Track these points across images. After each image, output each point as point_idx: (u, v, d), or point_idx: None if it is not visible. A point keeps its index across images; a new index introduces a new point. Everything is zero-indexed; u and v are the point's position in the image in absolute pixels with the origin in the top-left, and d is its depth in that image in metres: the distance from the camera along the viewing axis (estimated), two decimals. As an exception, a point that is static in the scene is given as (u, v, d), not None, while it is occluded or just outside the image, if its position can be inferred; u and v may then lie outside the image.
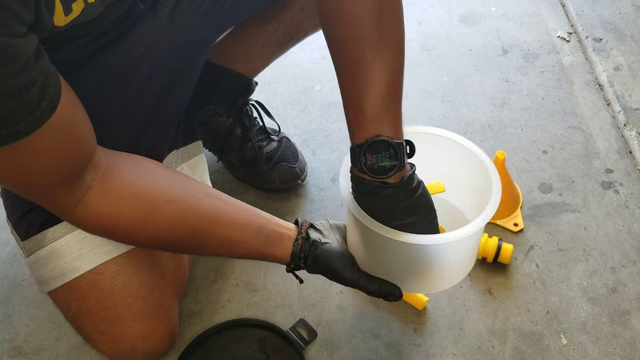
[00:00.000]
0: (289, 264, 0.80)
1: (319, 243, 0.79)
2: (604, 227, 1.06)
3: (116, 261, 0.83)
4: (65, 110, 0.60)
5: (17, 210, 0.85)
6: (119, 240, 0.79)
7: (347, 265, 0.78)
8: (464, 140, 0.83)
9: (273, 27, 1.01)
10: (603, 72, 1.31)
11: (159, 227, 0.74)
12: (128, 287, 0.83)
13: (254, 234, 0.78)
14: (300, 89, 1.33)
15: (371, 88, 0.70)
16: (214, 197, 0.79)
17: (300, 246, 0.79)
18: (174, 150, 0.91)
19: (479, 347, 0.93)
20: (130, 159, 0.75)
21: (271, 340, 0.93)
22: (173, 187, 0.75)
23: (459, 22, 1.47)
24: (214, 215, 0.76)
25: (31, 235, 0.83)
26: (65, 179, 0.66)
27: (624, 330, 0.93)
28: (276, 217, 0.82)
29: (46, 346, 0.95)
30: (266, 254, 0.80)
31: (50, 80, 0.57)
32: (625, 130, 1.20)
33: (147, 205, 0.72)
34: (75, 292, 0.83)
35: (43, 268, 0.84)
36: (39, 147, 0.59)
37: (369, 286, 0.78)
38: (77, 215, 0.70)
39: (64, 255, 0.82)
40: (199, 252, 0.90)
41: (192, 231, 0.76)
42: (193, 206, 0.75)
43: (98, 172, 0.69)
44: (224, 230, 0.77)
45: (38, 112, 0.56)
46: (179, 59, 0.81)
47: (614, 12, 1.45)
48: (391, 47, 0.71)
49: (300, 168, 1.12)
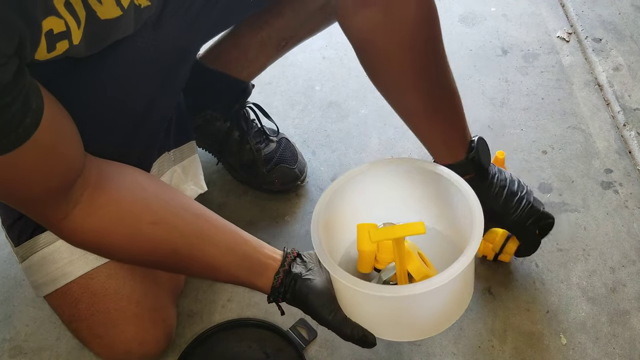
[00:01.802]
0: (269, 297, 0.80)
1: (299, 278, 0.78)
2: (604, 227, 1.06)
3: (108, 266, 0.83)
4: (50, 125, 0.59)
5: (9, 216, 0.85)
6: (103, 255, 0.80)
7: (325, 305, 0.77)
8: (450, 175, 0.81)
9: (267, 33, 1.01)
10: (602, 72, 1.31)
11: (142, 247, 0.75)
12: (120, 290, 0.83)
13: (237, 262, 0.78)
14: (300, 89, 1.33)
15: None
16: (202, 219, 0.78)
17: (280, 280, 0.78)
18: (165, 153, 0.91)
19: (478, 346, 0.93)
20: (120, 173, 0.75)
21: (271, 340, 0.94)
22: (160, 206, 0.75)
23: (459, 22, 1.47)
24: (198, 239, 0.76)
25: (23, 241, 0.84)
26: (53, 193, 0.66)
27: (623, 330, 0.94)
28: (264, 243, 0.81)
29: (46, 346, 0.95)
30: (248, 283, 0.80)
31: (31, 95, 0.56)
32: (625, 130, 1.20)
33: (131, 228, 0.73)
34: (68, 296, 0.83)
35: (36, 273, 0.84)
36: (25, 162, 0.59)
37: (342, 330, 0.77)
38: (62, 229, 0.71)
39: (56, 260, 0.82)
40: (183, 273, 0.92)
41: (173, 253, 0.76)
42: (178, 228, 0.75)
43: (87, 187, 0.69)
44: (207, 255, 0.77)
45: (21, 128, 0.56)
46: (166, 65, 0.81)
47: (614, 12, 1.45)
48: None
49: (300, 169, 1.12)
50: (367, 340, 0.77)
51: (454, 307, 0.78)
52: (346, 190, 0.83)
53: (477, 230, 0.73)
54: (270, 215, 1.11)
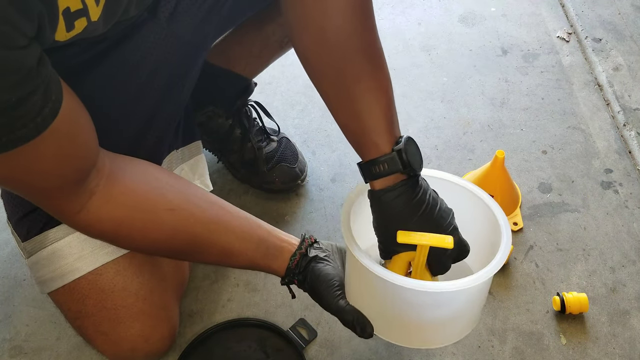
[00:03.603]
0: (283, 278, 0.81)
1: (314, 260, 0.79)
2: (604, 227, 1.06)
3: (116, 262, 0.83)
4: (67, 116, 0.60)
5: (18, 211, 0.85)
6: (120, 245, 0.80)
7: (331, 290, 0.77)
8: (473, 187, 0.79)
9: (272, 28, 1.01)
10: (602, 72, 1.31)
11: (160, 234, 0.75)
12: (128, 287, 0.83)
13: (254, 246, 0.79)
14: (300, 89, 1.33)
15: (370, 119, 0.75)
16: (217, 206, 0.79)
17: (296, 262, 0.79)
18: (173, 151, 0.92)
19: (478, 346, 0.93)
20: (132, 164, 0.75)
21: (271, 340, 0.94)
22: (175, 195, 0.76)
23: (459, 23, 1.47)
24: (215, 225, 0.77)
25: (32, 236, 0.83)
26: (69, 183, 0.66)
27: (623, 330, 0.94)
28: (278, 229, 0.82)
29: (47, 346, 0.95)
30: (264, 266, 0.80)
31: (52, 86, 0.57)
32: (625, 130, 1.20)
33: (149, 213, 0.73)
34: (75, 292, 0.83)
35: (44, 269, 0.84)
36: (42, 152, 0.59)
37: (344, 315, 0.77)
38: (79, 221, 0.71)
39: (65, 256, 0.82)
40: (199, 260, 0.91)
41: (192, 239, 0.76)
42: (194, 215, 0.76)
43: (102, 177, 0.69)
44: (224, 241, 0.78)
45: (40, 118, 0.56)
46: (178, 60, 0.81)
47: (614, 12, 1.45)
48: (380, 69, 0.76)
49: (300, 168, 1.12)
50: (365, 329, 0.76)
51: (464, 321, 0.75)
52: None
53: (505, 238, 0.72)
54: (270, 215, 1.11)
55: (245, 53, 1.04)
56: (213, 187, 0.98)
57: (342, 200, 1.12)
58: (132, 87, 0.78)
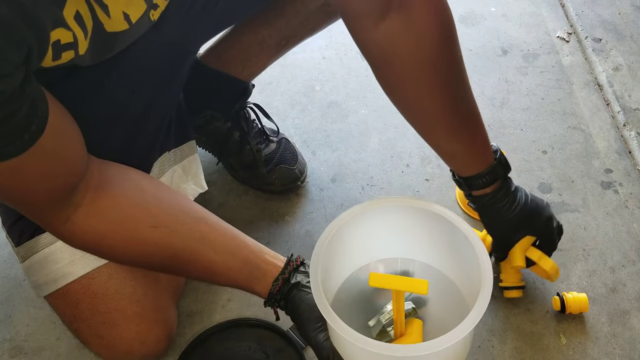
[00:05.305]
0: (265, 302, 0.80)
1: (297, 287, 0.78)
2: (604, 227, 1.06)
3: (109, 266, 0.83)
4: (54, 130, 0.60)
5: (10, 216, 0.85)
6: (104, 257, 0.80)
7: (310, 323, 0.77)
8: (459, 223, 0.80)
9: (268, 32, 1.01)
10: (602, 73, 1.31)
11: (142, 250, 0.75)
12: (121, 290, 0.83)
13: (238, 266, 0.78)
14: (300, 89, 1.33)
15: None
16: (202, 222, 0.78)
17: (278, 287, 0.78)
18: (165, 152, 0.91)
19: (478, 346, 0.93)
20: (121, 175, 0.75)
21: (271, 340, 0.94)
22: (160, 210, 0.75)
23: (459, 23, 1.47)
24: (198, 244, 0.76)
25: (24, 241, 0.84)
26: (56, 196, 0.66)
27: (623, 330, 0.94)
28: (266, 247, 0.81)
29: (47, 346, 0.95)
30: (246, 288, 0.80)
31: (37, 103, 0.57)
32: (625, 130, 1.20)
33: (131, 230, 0.73)
34: (69, 297, 0.84)
35: (37, 273, 0.84)
36: (28, 167, 0.59)
37: (320, 350, 0.76)
38: (64, 232, 0.71)
39: (57, 260, 0.82)
40: (182, 275, 0.92)
41: (174, 257, 0.76)
42: (177, 232, 0.75)
43: (89, 190, 0.69)
44: (206, 260, 0.77)
45: (27, 135, 0.56)
46: (166, 64, 0.81)
47: (614, 12, 1.45)
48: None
49: (300, 169, 1.12)
50: None
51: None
52: (359, 221, 0.82)
53: (485, 288, 0.72)
54: (270, 215, 1.11)
55: (242, 56, 1.03)
56: (213, 187, 0.98)
57: (342, 200, 1.12)
58: (120, 93, 0.77)
